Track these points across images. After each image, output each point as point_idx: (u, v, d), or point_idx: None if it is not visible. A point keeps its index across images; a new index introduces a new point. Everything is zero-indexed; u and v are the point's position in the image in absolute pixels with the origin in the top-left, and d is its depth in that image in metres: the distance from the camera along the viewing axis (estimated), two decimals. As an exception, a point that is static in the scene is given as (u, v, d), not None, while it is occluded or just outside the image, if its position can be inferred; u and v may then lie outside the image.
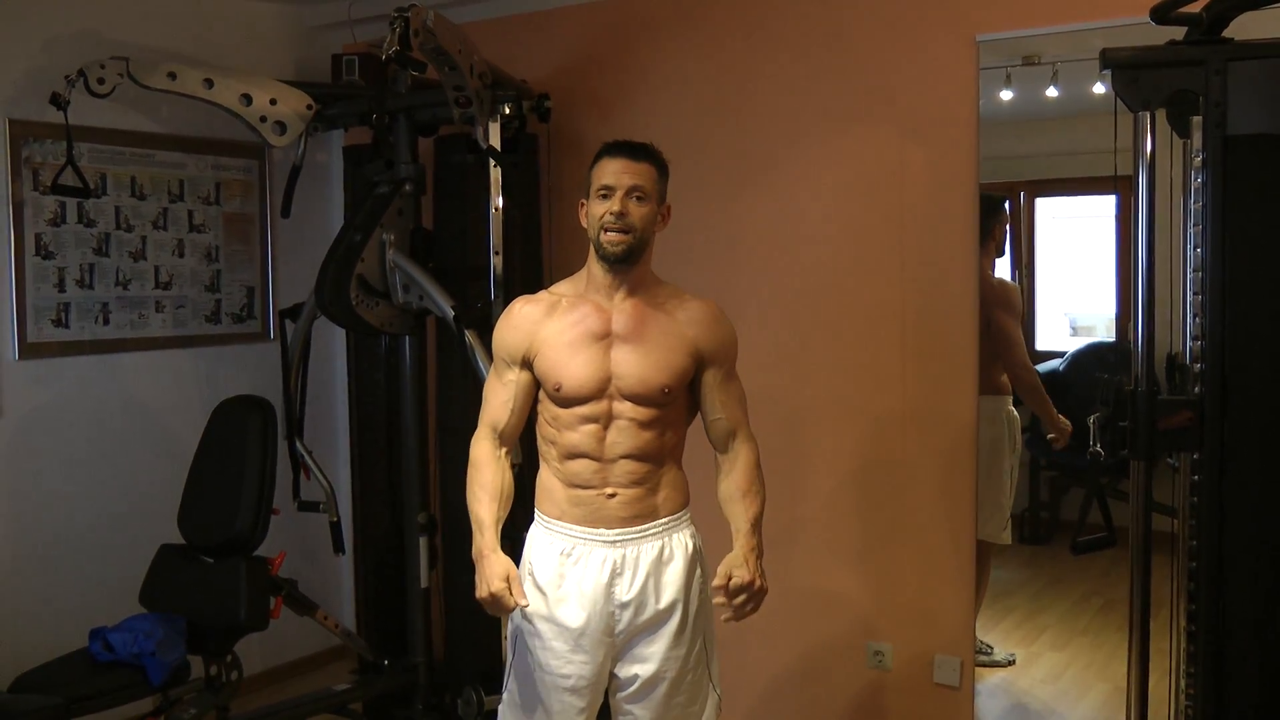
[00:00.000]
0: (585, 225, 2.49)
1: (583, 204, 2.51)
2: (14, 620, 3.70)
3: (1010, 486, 3.56)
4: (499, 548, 2.44)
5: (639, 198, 2.43)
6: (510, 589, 2.38)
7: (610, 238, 2.42)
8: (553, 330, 2.47)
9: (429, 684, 3.87)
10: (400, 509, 4.01)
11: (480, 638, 3.84)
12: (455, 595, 4.01)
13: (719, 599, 2.38)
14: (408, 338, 3.80)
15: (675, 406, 2.52)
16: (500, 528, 2.49)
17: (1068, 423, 3.49)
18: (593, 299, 2.49)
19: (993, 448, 3.46)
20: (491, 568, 2.40)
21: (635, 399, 2.44)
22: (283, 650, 4.45)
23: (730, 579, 2.36)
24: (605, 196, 2.43)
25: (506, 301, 3.27)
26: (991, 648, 3.55)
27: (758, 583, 2.38)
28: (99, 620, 3.41)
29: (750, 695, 3.81)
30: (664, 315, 2.50)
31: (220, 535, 3.47)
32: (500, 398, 2.55)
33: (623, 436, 2.44)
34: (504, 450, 2.56)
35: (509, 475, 2.56)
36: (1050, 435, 3.52)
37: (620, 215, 2.41)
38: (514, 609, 2.40)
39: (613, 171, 2.44)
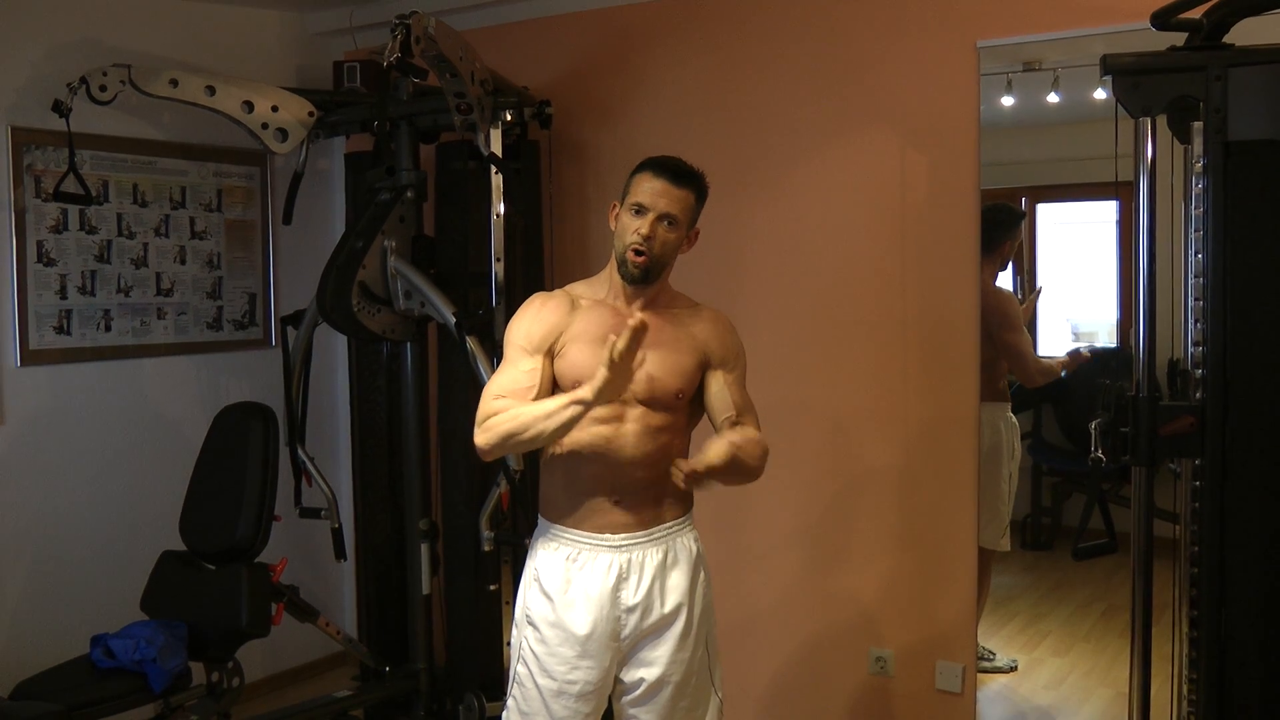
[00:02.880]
0: (613, 229, 2.48)
1: (615, 206, 2.49)
2: (15, 627, 3.70)
3: (1009, 494, 3.55)
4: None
5: (669, 223, 2.42)
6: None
7: (632, 258, 2.42)
8: (575, 330, 2.47)
9: (430, 690, 3.87)
10: (402, 515, 4.01)
11: (481, 644, 3.84)
12: (456, 601, 4.01)
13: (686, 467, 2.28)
14: (409, 344, 3.80)
15: (683, 412, 2.53)
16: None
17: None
18: (612, 304, 2.50)
19: (991, 455, 3.46)
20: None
21: (649, 403, 2.45)
22: (284, 657, 4.45)
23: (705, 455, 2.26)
24: (637, 213, 2.42)
25: (508, 308, 3.28)
26: (993, 654, 3.55)
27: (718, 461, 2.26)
28: (100, 627, 3.41)
29: (752, 700, 3.80)
30: (677, 323, 2.52)
31: (222, 542, 3.47)
32: (521, 384, 2.42)
33: (632, 441, 2.44)
34: None
35: None
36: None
37: (646, 239, 2.40)
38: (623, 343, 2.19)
39: (651, 191, 2.41)
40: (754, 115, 3.76)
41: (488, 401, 2.42)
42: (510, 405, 2.38)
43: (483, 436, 2.39)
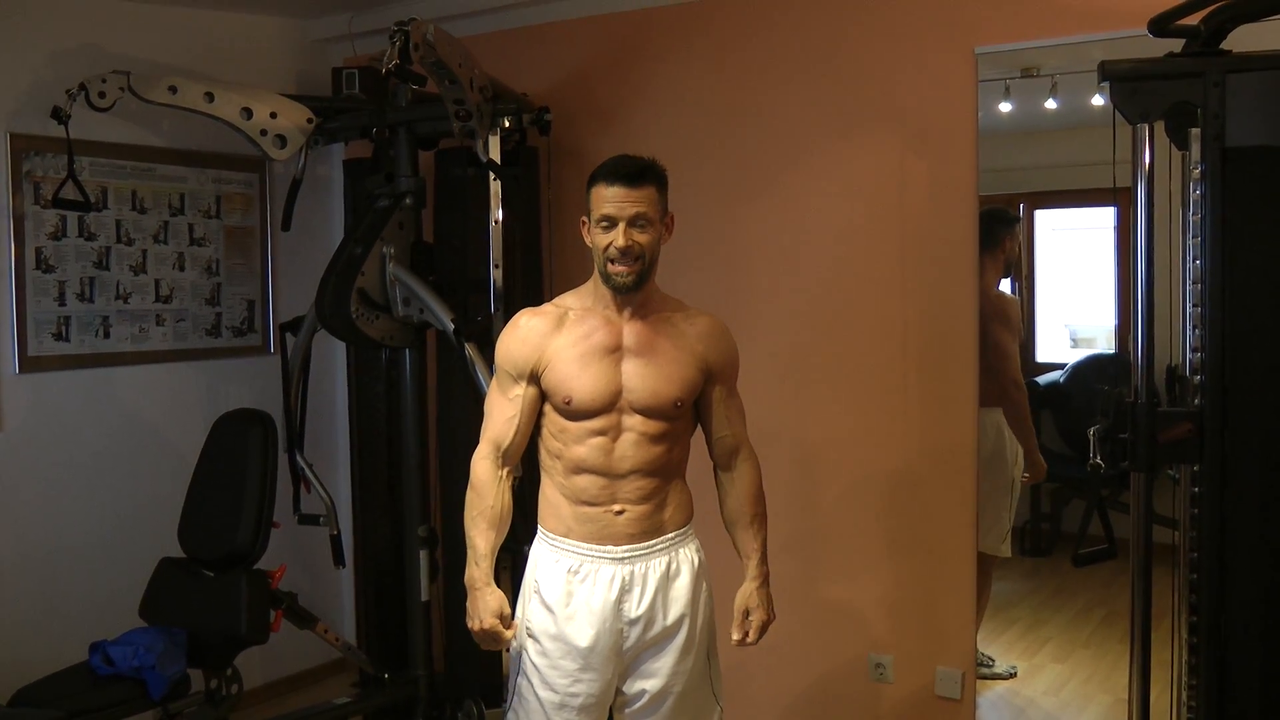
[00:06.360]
0: (588, 244, 2.47)
1: (584, 222, 2.47)
2: (14, 633, 3.69)
3: (1012, 499, 3.55)
4: (493, 580, 2.46)
5: (642, 226, 2.39)
6: (502, 626, 2.44)
7: (617, 269, 2.39)
8: (562, 343, 2.45)
9: (429, 697, 3.86)
10: (400, 522, 4.00)
11: (480, 651, 3.83)
12: (455, 608, 4.00)
13: (737, 635, 2.53)
14: (408, 351, 3.80)
15: (682, 420, 2.52)
16: (496, 554, 2.50)
17: (1044, 463, 3.49)
18: (602, 313, 2.48)
19: (994, 460, 3.46)
20: (485, 602, 2.43)
21: (646, 412, 2.43)
22: (283, 663, 4.44)
23: (748, 616, 2.53)
24: (607, 228, 2.39)
25: (507, 314, 3.29)
26: (993, 660, 3.54)
27: (772, 618, 2.56)
28: (99, 634, 3.40)
29: (751, 708, 3.80)
30: (673, 329, 2.50)
31: (221, 548, 3.47)
32: (506, 414, 2.50)
33: (631, 451, 2.43)
34: (505, 470, 2.53)
35: (508, 498, 2.54)
36: (1025, 474, 3.51)
37: (626, 250, 2.38)
38: (504, 646, 2.44)
39: (613, 201, 2.38)
40: (753, 121, 3.76)
41: (484, 444, 2.53)
42: (485, 481, 2.51)
43: (467, 494, 2.54)
